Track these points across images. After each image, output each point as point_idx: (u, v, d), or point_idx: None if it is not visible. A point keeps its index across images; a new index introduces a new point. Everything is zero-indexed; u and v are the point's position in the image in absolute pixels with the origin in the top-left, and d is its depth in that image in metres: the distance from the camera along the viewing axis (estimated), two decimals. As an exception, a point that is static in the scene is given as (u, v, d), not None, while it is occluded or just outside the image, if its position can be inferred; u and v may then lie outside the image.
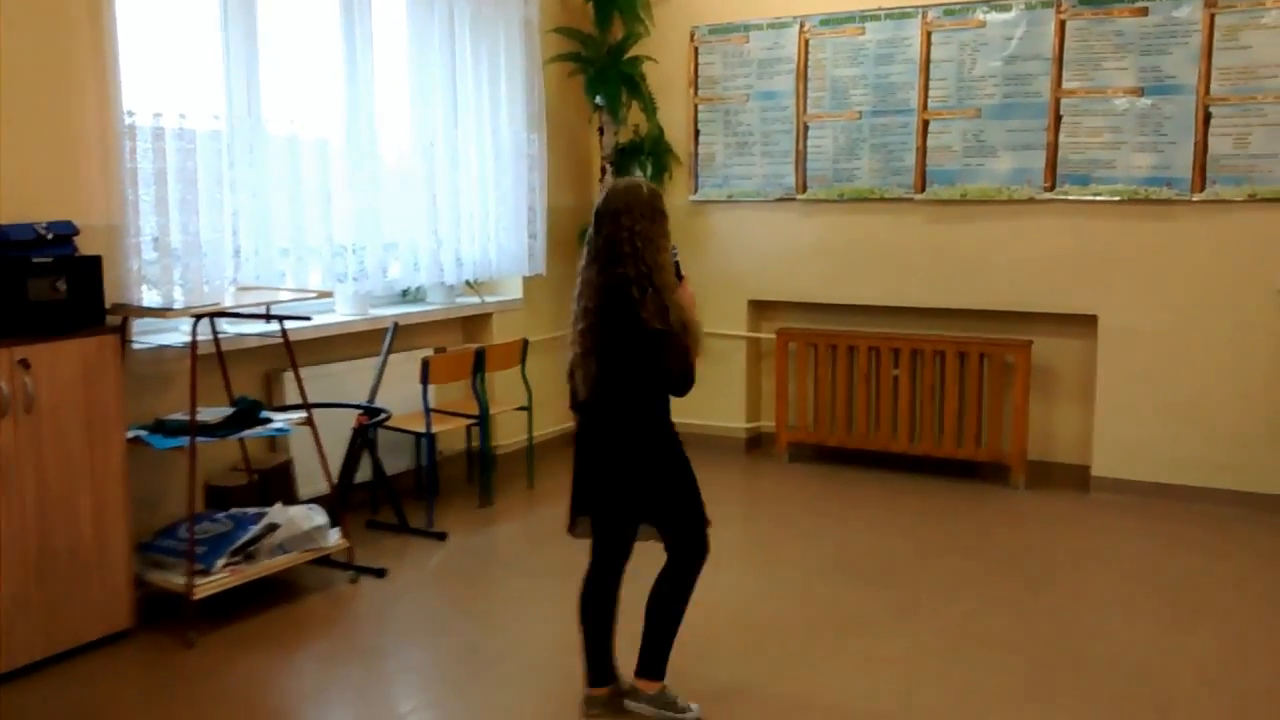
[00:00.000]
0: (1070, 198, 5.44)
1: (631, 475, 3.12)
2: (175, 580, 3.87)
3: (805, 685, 3.54)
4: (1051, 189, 5.47)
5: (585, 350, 3.04)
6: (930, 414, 5.85)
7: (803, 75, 6.00)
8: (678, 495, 3.17)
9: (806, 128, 6.04)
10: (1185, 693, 3.48)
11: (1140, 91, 5.24)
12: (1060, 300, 5.56)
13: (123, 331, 3.96)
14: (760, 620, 4.08)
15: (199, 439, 3.89)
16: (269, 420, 4.17)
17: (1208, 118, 5.11)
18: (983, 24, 5.54)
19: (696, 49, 6.31)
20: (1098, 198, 5.38)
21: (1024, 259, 5.60)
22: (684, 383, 3.07)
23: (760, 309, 6.44)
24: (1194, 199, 5.18)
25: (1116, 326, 5.43)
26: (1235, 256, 5.16)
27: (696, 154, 6.39)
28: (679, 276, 3.10)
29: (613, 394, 3.06)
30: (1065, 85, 5.38)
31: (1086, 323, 5.53)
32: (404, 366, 5.27)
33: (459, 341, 5.95)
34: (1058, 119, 5.42)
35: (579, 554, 3.27)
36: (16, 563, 3.48)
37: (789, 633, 3.97)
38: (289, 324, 4.38)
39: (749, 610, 4.18)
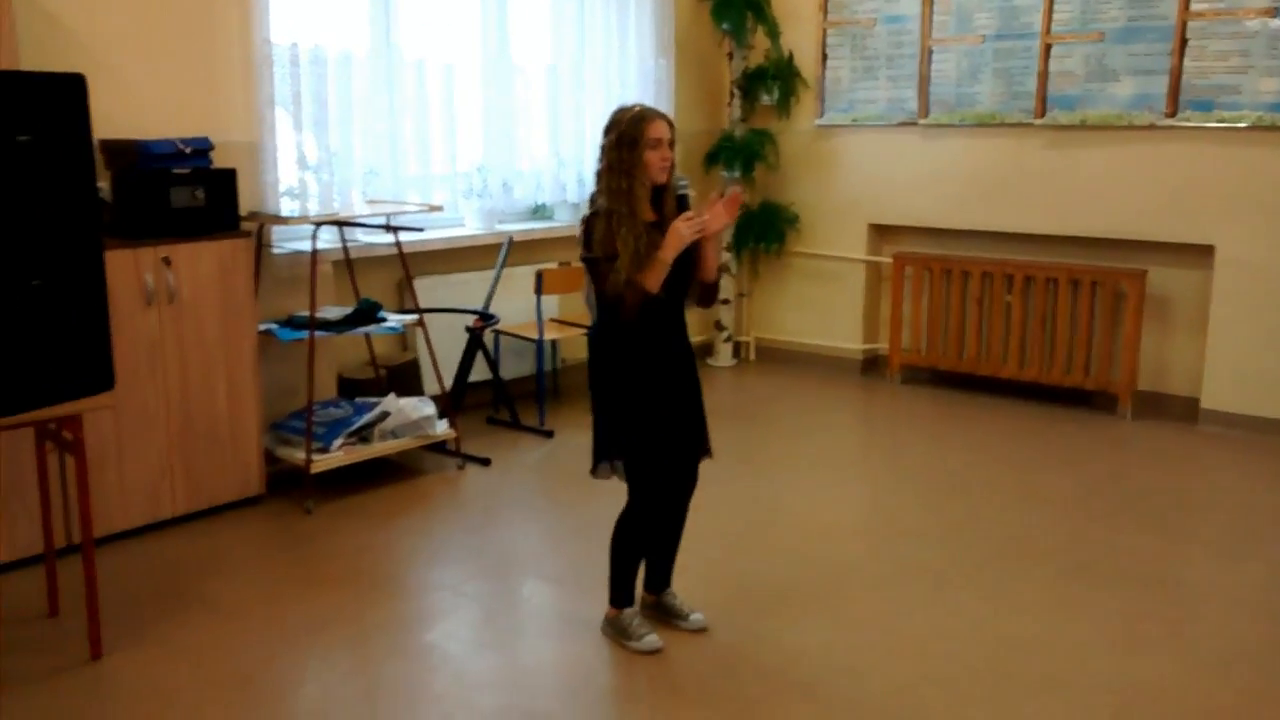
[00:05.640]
0: (1191, 124, 5.30)
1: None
2: (298, 456, 4.44)
3: (828, 585, 3.79)
4: (1173, 115, 5.34)
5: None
6: (1040, 341, 5.86)
7: (928, -2, 6.02)
8: (599, 428, 3.25)
9: (930, 51, 6.06)
10: (1211, 612, 3.55)
11: (1274, 12, 5.03)
12: (1177, 230, 5.45)
13: (260, 237, 4.52)
14: (815, 526, 4.34)
15: (318, 333, 4.41)
16: (384, 320, 4.66)
17: (1343, 40, 4.89)
18: (1112, -56, 5.42)
19: (826, -27, 6.39)
20: (1221, 124, 5.22)
21: (1142, 187, 5.50)
22: (610, 309, 3.09)
23: (880, 233, 6.54)
24: (1324, 126, 4.98)
25: (1234, 258, 5.30)
26: (1366, 187, 4.95)
27: (824, 78, 6.49)
28: (682, 207, 3.08)
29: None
30: (1193, 7, 5.22)
31: (1203, 253, 5.41)
32: (526, 279, 5.68)
33: (585, 257, 6.31)
34: (1183, 42, 5.26)
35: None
36: (162, 431, 4.11)
37: (836, 538, 4.23)
38: (414, 235, 4.86)
39: (808, 516, 4.45)
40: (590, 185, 5.96)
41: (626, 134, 3.05)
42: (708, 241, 3.14)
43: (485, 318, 5.34)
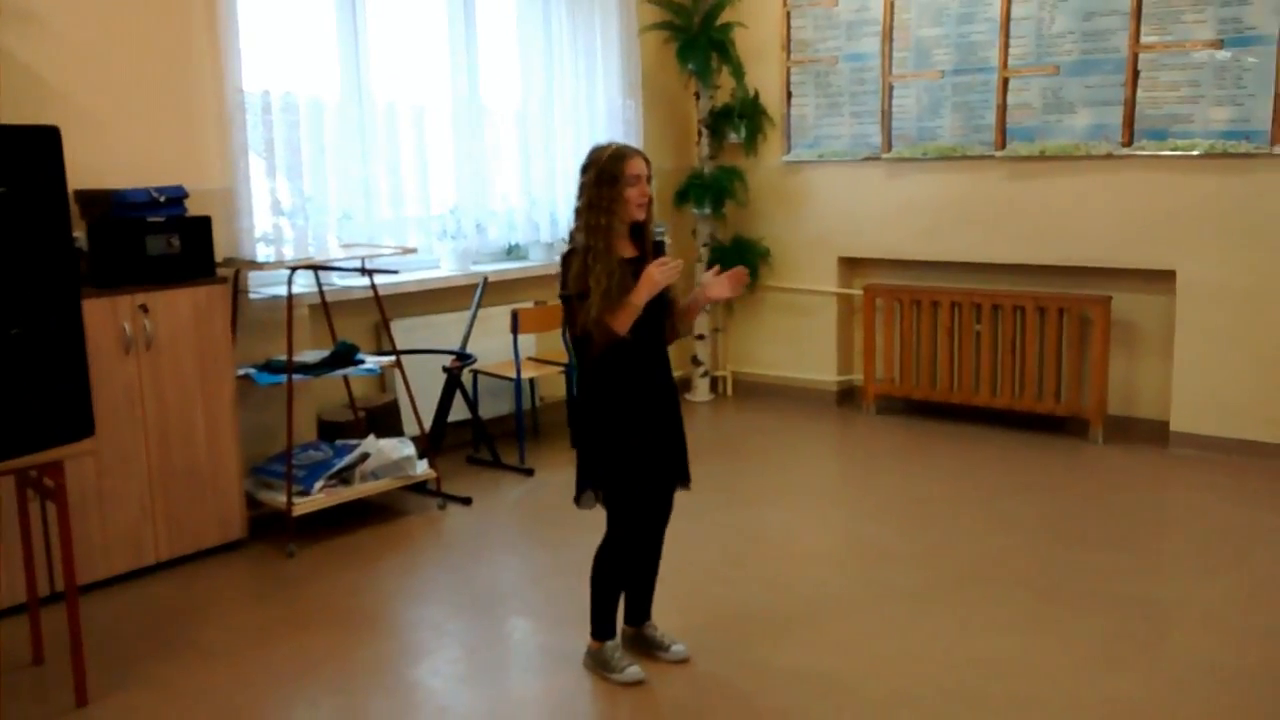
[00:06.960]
0: (1147, 153, 5.44)
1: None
2: (279, 499, 4.45)
3: (806, 611, 3.84)
4: (1129, 144, 5.48)
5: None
6: (1010, 368, 5.96)
7: (888, 36, 6.15)
8: (583, 459, 3.27)
9: (891, 87, 6.19)
10: (1185, 630, 3.61)
11: (1219, 44, 5.19)
12: (1138, 256, 5.57)
13: (236, 283, 4.56)
14: (793, 555, 4.40)
15: (296, 377, 4.45)
16: (361, 362, 4.71)
17: (1289, 68, 5.04)
18: (1063, -20, 5.59)
19: (789, 13, 6.52)
20: (1175, 152, 5.36)
21: (1102, 215, 5.63)
22: (580, 346, 3.15)
23: (850, 266, 6.64)
24: (1275, 151, 5.11)
25: (1195, 282, 5.42)
26: (1317, 210, 5.09)
27: (789, 115, 6.61)
28: (657, 252, 3.16)
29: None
30: (1143, 40, 5.37)
31: (1165, 278, 5.53)
32: (502, 318, 5.73)
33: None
34: (1135, 74, 5.41)
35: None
36: (143, 478, 4.12)
37: (814, 566, 4.29)
38: (390, 277, 4.92)
39: (787, 545, 4.51)
40: (564, 223, 6.15)
41: (606, 171, 3.08)
42: (700, 301, 3.32)
43: (462, 358, 5.39)
